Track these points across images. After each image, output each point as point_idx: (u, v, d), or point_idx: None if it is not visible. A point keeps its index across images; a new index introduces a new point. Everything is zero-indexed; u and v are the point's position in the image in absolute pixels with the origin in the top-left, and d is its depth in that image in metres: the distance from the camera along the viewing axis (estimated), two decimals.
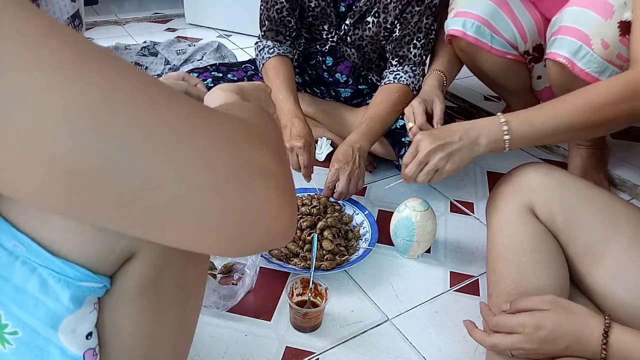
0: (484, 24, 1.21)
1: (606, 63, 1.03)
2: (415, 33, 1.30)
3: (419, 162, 0.94)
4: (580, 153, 1.37)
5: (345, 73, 1.44)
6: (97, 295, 0.50)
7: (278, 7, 1.33)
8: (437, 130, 0.95)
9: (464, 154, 0.93)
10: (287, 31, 1.37)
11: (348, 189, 1.15)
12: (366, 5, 1.29)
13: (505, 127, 0.89)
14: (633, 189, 1.40)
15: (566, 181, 0.86)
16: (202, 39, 2.42)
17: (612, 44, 1.01)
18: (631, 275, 0.77)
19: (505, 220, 0.87)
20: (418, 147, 0.95)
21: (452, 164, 0.93)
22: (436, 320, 0.97)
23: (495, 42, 1.24)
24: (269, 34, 1.38)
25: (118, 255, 0.48)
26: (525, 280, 0.80)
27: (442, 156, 0.93)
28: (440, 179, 0.97)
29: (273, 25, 1.36)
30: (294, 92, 1.30)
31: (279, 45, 1.37)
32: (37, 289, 0.45)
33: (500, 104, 1.72)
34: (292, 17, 1.35)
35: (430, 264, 1.11)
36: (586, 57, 1.04)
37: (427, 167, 0.94)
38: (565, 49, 1.06)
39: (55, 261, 0.45)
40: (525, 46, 1.26)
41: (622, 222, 0.81)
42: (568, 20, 1.05)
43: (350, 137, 1.22)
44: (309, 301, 0.93)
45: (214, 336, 0.90)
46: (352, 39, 1.36)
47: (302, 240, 1.07)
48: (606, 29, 1.00)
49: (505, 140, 0.90)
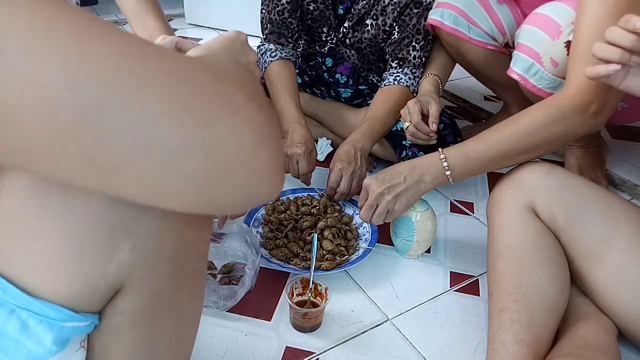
0: (460, 14, 1.27)
1: (558, 79, 1.07)
2: (414, 35, 1.30)
3: (369, 206, 1.01)
4: (574, 153, 1.37)
5: (345, 74, 1.44)
6: (85, 333, 0.47)
7: (279, 9, 1.32)
8: (383, 174, 1.00)
9: (410, 193, 0.99)
10: (289, 33, 1.36)
11: (350, 189, 1.15)
12: (364, 8, 1.29)
13: (445, 163, 0.94)
14: (633, 189, 1.40)
15: (567, 180, 0.86)
16: (202, 39, 2.42)
17: (561, 62, 1.05)
18: (631, 275, 0.77)
19: (506, 220, 0.87)
20: (367, 191, 1.01)
21: (399, 205, 1.00)
22: (436, 320, 0.97)
23: (473, 32, 1.29)
24: (271, 36, 1.37)
25: (103, 292, 0.45)
26: (526, 279, 0.80)
27: (389, 199, 0.99)
28: (393, 218, 1.04)
29: (275, 28, 1.35)
30: (296, 97, 1.29)
31: (281, 49, 1.36)
32: (17, 331, 0.41)
33: (500, 103, 1.72)
34: (294, 18, 1.34)
35: (430, 264, 1.11)
36: (538, 74, 1.09)
37: (378, 210, 1.00)
38: (519, 66, 1.12)
39: (35, 302, 0.42)
40: (504, 39, 1.31)
41: (623, 222, 0.81)
42: (522, 38, 1.11)
43: (352, 136, 1.22)
44: (309, 301, 0.93)
45: (214, 336, 0.90)
46: (351, 41, 1.36)
47: (302, 240, 1.07)
48: (554, 48, 1.05)
49: (447, 175, 0.95)
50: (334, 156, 1.18)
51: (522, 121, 0.89)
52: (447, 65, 1.39)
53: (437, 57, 1.38)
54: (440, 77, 1.33)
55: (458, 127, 1.37)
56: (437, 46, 1.38)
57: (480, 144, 0.93)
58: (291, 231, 1.09)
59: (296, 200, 1.19)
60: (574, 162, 1.37)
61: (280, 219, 1.12)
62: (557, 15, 1.05)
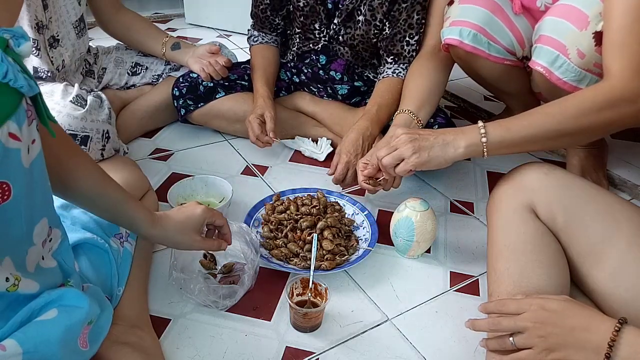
0: (480, 32, 1.20)
1: (584, 72, 1.04)
2: (407, 30, 1.30)
3: (390, 146, 0.98)
4: (578, 153, 1.37)
5: (340, 70, 1.44)
6: None
7: (263, 7, 1.43)
8: (418, 130, 0.99)
9: (433, 152, 0.94)
10: (271, 27, 1.48)
11: (355, 181, 1.16)
12: (352, 3, 1.29)
13: (482, 130, 0.90)
14: (633, 189, 1.40)
15: (567, 181, 0.86)
16: (202, 39, 2.42)
17: (588, 54, 1.02)
18: (632, 275, 0.77)
19: (505, 220, 0.87)
20: (394, 135, 0.99)
21: (417, 157, 0.95)
22: (436, 320, 0.97)
23: (493, 49, 1.23)
24: (256, 26, 1.51)
25: None
26: (525, 279, 0.80)
27: (410, 147, 0.95)
28: (404, 171, 0.98)
29: (258, 22, 1.49)
30: (266, 73, 1.43)
31: (264, 35, 1.51)
32: None
33: (501, 103, 1.72)
34: (276, 16, 1.45)
35: (430, 264, 1.11)
36: (563, 66, 1.05)
37: (395, 153, 0.97)
38: (543, 58, 1.07)
39: None
40: (523, 52, 1.25)
41: (623, 222, 0.81)
42: (546, 30, 1.07)
43: (360, 123, 1.22)
44: (309, 301, 0.93)
45: (214, 336, 0.90)
46: (343, 38, 1.37)
47: (302, 240, 1.07)
48: (581, 39, 1.01)
49: (483, 144, 0.90)
50: (341, 144, 1.18)
51: (569, 103, 0.87)
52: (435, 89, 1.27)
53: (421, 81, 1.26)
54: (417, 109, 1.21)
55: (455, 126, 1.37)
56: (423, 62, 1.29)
57: (523, 119, 0.89)
58: (291, 231, 1.09)
59: (296, 200, 1.19)
60: (577, 162, 1.37)
61: (280, 219, 1.12)
62: (583, 6, 1.01)
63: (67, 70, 1.34)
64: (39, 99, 0.58)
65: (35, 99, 0.58)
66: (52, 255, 0.69)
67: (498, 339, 0.76)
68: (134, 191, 1.00)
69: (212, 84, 1.45)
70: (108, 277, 0.84)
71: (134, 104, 1.52)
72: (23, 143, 0.55)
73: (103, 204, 0.80)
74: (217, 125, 1.51)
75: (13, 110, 0.53)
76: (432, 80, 1.27)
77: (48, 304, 0.64)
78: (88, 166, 0.77)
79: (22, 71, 0.54)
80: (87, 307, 0.67)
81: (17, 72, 0.53)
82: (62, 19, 1.28)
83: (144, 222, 0.83)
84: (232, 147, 1.51)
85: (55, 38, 1.26)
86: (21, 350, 0.58)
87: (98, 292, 0.77)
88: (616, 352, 0.65)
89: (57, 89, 1.15)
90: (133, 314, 0.86)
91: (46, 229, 0.66)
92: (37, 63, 1.22)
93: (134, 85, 1.56)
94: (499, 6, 1.21)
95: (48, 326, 0.62)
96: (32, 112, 0.57)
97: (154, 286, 0.99)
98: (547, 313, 0.70)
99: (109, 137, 1.16)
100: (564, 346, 0.68)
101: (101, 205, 0.80)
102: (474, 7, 1.20)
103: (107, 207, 0.80)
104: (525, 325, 0.71)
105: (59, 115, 1.09)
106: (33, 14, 1.16)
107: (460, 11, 1.22)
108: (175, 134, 1.57)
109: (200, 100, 1.46)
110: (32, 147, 0.58)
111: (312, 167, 1.42)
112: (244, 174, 1.39)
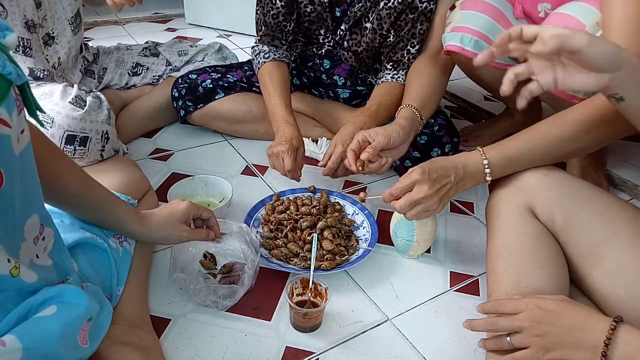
0: (482, 38, 1.18)
1: None
2: (409, 39, 1.30)
3: (412, 201, 0.91)
4: None
5: (343, 75, 1.44)
6: None
7: (274, 12, 1.33)
8: (433, 173, 0.91)
9: (451, 193, 0.93)
10: (283, 36, 1.37)
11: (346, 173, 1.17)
12: (360, 11, 1.29)
13: (485, 161, 0.90)
14: (633, 189, 1.40)
15: (566, 182, 0.86)
16: (202, 39, 2.42)
17: None
18: (630, 275, 0.77)
19: (505, 221, 0.87)
20: (414, 186, 0.91)
21: (442, 207, 0.94)
22: (436, 320, 0.97)
23: None
24: (265, 38, 1.38)
25: None
26: (525, 280, 0.80)
27: (436, 200, 0.91)
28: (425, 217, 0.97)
29: (269, 31, 1.36)
30: (287, 97, 1.31)
31: (275, 50, 1.38)
32: None
33: (501, 104, 1.72)
34: (289, 22, 1.35)
35: (430, 264, 1.11)
36: None
37: (419, 207, 0.92)
38: None
39: None
40: None
41: (622, 222, 0.81)
42: None
43: (359, 118, 1.21)
44: (309, 301, 0.93)
45: (214, 336, 0.90)
46: (348, 44, 1.36)
47: (302, 240, 1.07)
48: None
49: (487, 174, 0.90)
50: (337, 135, 1.18)
51: (566, 127, 0.86)
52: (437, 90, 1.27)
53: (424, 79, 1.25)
54: (420, 107, 1.19)
55: (455, 127, 1.37)
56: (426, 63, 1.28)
57: (523, 146, 0.89)
58: (291, 231, 1.10)
59: (296, 200, 1.19)
60: (577, 162, 1.37)
61: (280, 219, 1.12)
62: (580, 15, 1.01)
63: (64, 68, 1.33)
64: (27, 89, 0.58)
65: (23, 89, 0.58)
66: (49, 255, 0.69)
67: (496, 339, 0.76)
68: (134, 191, 1.00)
69: (211, 85, 1.45)
70: (107, 277, 0.84)
71: (134, 104, 1.52)
72: (13, 131, 0.55)
73: (88, 204, 0.81)
74: (217, 126, 1.51)
75: (2, 97, 0.53)
76: (434, 80, 1.27)
77: (47, 300, 0.65)
78: (70, 167, 0.78)
79: (9, 59, 0.54)
80: (87, 304, 0.68)
81: (5, 60, 0.53)
82: (58, 15, 1.26)
83: (130, 221, 0.85)
84: (232, 147, 1.51)
85: (50, 35, 1.25)
86: (21, 345, 0.58)
87: (97, 291, 0.77)
88: (613, 350, 0.65)
89: (56, 89, 1.15)
90: (133, 314, 0.86)
91: (37, 226, 0.66)
92: (32, 63, 1.21)
93: (135, 85, 1.56)
94: (500, 12, 1.20)
95: (48, 322, 0.62)
96: (20, 101, 0.57)
97: (154, 286, 0.99)
98: (544, 312, 0.70)
99: (108, 137, 1.16)
100: (561, 345, 0.69)
101: (87, 206, 0.81)
102: (476, 14, 1.19)
103: (92, 208, 0.82)
104: (521, 324, 0.71)
105: (58, 116, 1.08)
106: (22, 13, 1.14)
107: (462, 17, 1.21)
108: (175, 134, 1.57)
109: (200, 101, 1.45)
110: (21, 137, 0.58)
111: (312, 167, 1.43)
112: (244, 174, 1.39)
